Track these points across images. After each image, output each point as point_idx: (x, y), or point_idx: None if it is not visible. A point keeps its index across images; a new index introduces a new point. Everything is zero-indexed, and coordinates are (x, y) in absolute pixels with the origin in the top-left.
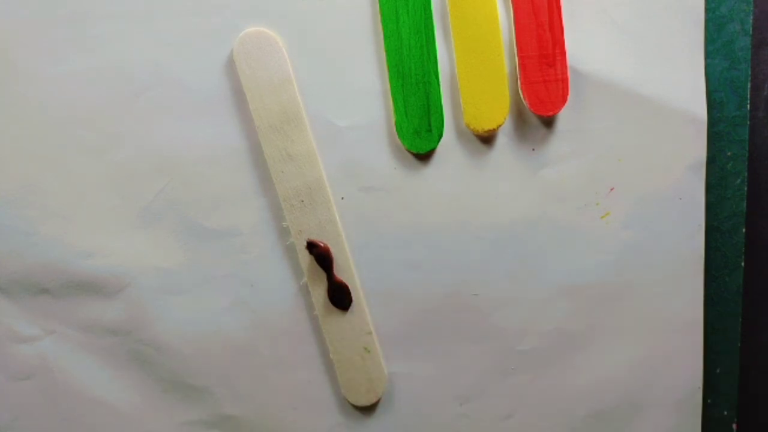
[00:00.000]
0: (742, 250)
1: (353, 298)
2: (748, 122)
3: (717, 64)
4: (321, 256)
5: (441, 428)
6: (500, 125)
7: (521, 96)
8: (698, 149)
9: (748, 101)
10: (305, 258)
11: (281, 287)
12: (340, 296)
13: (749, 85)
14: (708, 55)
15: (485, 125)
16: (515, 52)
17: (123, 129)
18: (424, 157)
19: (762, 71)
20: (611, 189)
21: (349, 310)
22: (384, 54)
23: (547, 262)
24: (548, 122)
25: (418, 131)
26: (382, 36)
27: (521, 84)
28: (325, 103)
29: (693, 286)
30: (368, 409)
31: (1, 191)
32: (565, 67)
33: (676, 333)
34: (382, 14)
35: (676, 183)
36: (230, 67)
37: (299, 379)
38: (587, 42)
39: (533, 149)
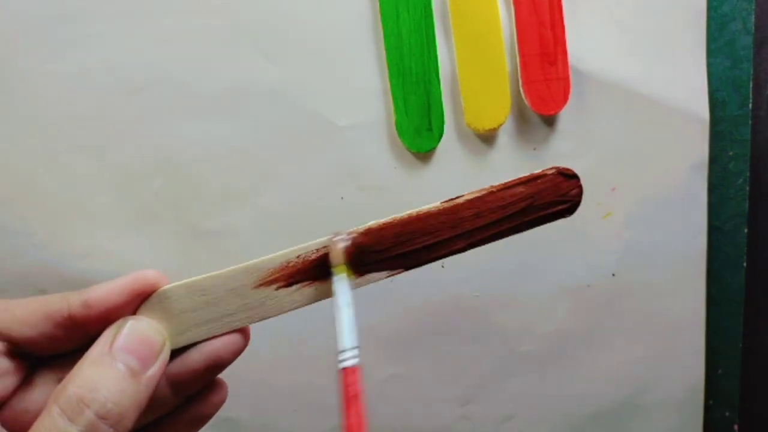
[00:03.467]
0: (744, 250)
1: None
2: (750, 121)
3: (719, 63)
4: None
5: (442, 430)
6: (501, 124)
7: (522, 95)
8: (700, 149)
9: (750, 100)
10: None
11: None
12: None
13: (751, 84)
14: (710, 54)
15: (486, 124)
16: (516, 50)
17: (121, 128)
18: (424, 156)
19: (764, 70)
20: (613, 189)
21: None
22: (384, 53)
23: (548, 262)
24: (549, 121)
25: (419, 130)
26: (382, 35)
27: (522, 83)
28: (325, 103)
29: (694, 286)
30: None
31: None
32: (567, 65)
33: (677, 333)
34: (383, 13)
35: (678, 183)
36: (230, 66)
37: (299, 382)
38: (589, 41)
39: (534, 148)
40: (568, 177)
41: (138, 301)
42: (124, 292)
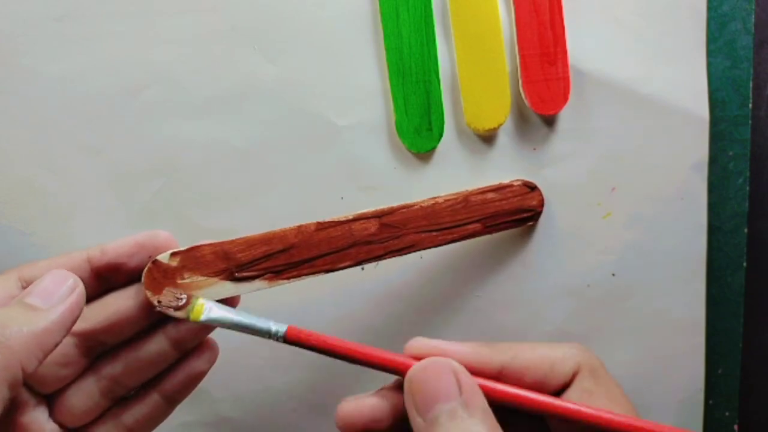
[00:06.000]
0: (744, 250)
1: None
2: (750, 121)
3: (719, 63)
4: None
5: None
6: (501, 124)
7: (522, 95)
8: (700, 149)
9: (750, 100)
10: None
11: (280, 288)
12: None
13: (751, 84)
14: (710, 53)
15: (486, 124)
16: (516, 50)
17: (121, 128)
18: (424, 156)
19: (764, 70)
20: (613, 189)
21: None
22: (384, 52)
23: (548, 262)
24: (549, 121)
25: (419, 130)
26: (382, 34)
27: (522, 82)
28: (324, 102)
29: (694, 286)
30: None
31: None
32: (567, 65)
33: (677, 334)
34: (382, 12)
35: (677, 183)
36: (230, 66)
37: (298, 381)
38: (589, 40)
39: (534, 148)
40: (531, 189)
41: (144, 254)
42: (134, 245)
